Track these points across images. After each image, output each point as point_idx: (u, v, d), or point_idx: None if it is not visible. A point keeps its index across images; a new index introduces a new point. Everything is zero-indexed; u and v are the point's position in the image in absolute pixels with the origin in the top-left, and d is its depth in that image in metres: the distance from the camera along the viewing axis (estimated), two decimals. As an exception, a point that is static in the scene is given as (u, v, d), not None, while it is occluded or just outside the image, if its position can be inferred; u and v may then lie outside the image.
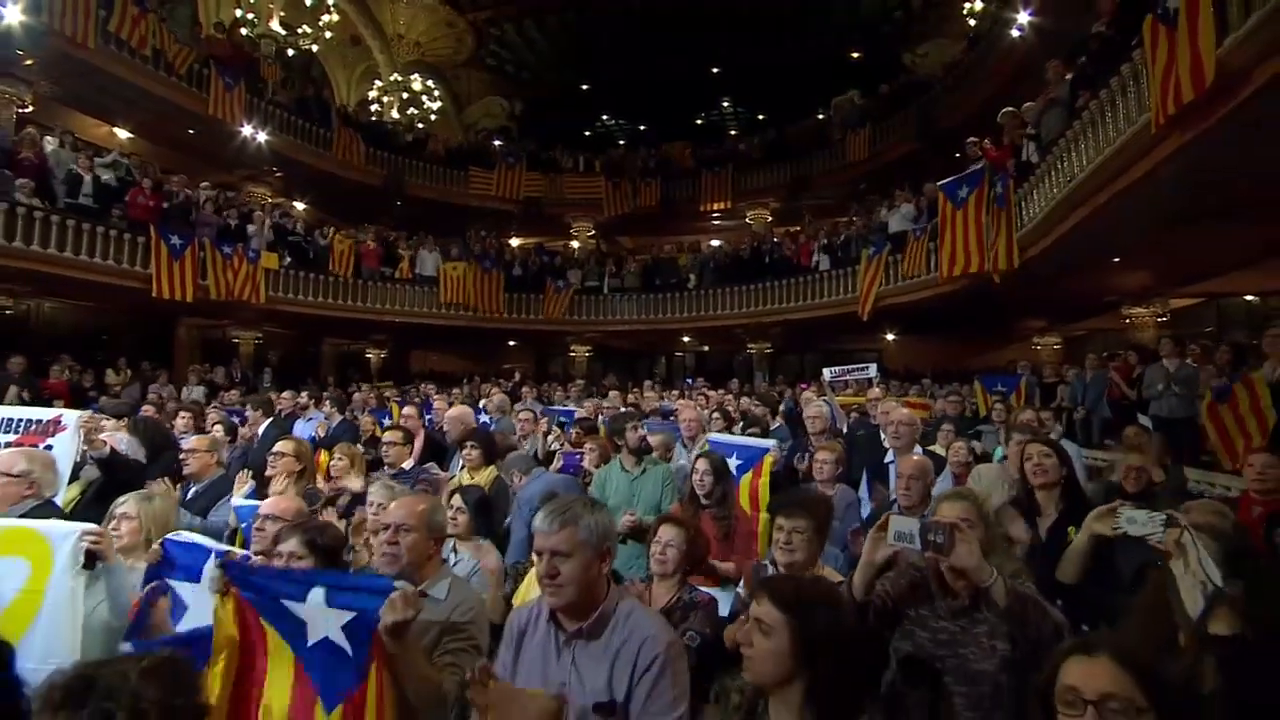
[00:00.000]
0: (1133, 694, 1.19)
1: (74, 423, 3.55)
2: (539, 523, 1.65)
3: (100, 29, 10.88)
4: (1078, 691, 1.22)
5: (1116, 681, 1.20)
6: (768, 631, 1.44)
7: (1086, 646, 1.30)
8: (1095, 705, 1.19)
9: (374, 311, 15.41)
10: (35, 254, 9.88)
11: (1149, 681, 1.20)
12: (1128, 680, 1.20)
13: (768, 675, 1.45)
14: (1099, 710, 1.19)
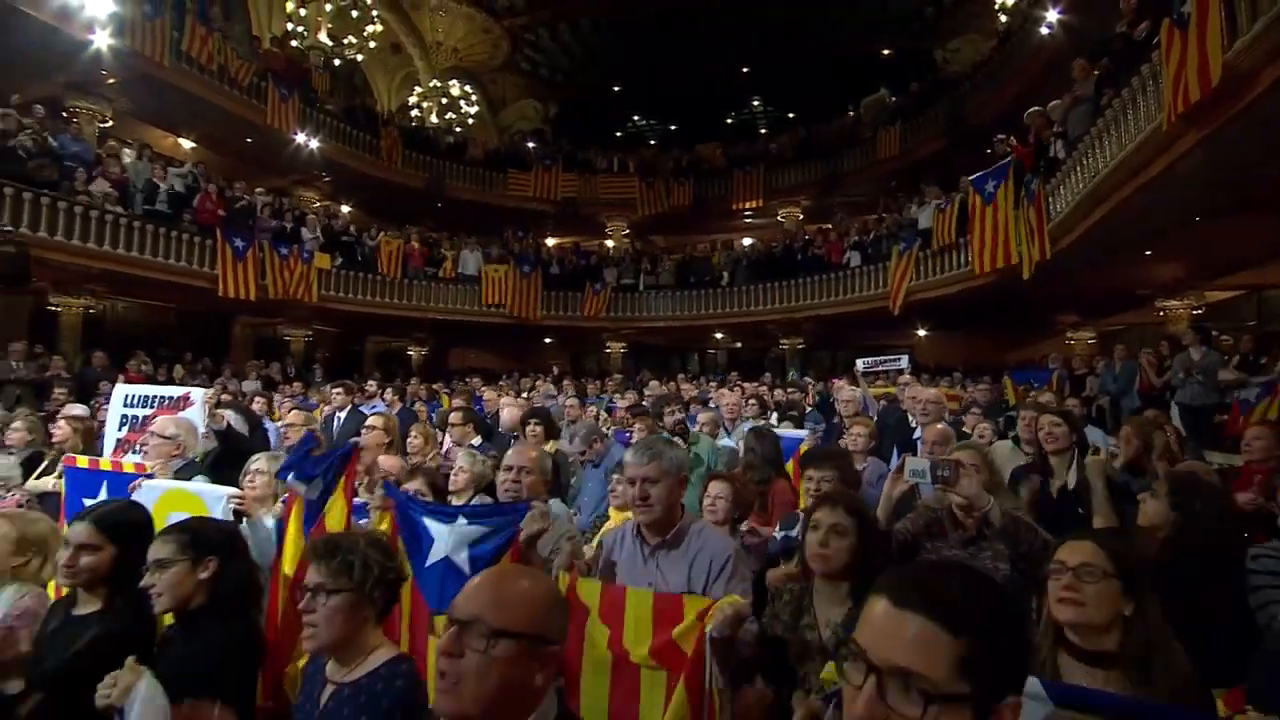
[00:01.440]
0: (1104, 564, 1.59)
1: (200, 399, 4.14)
2: (631, 457, 2.12)
3: (173, 48, 11.70)
4: (1063, 563, 1.62)
5: (1093, 554, 1.60)
6: (843, 532, 1.90)
7: (1077, 535, 1.72)
8: (1074, 571, 1.60)
9: (419, 309, 16.13)
10: (118, 256, 10.71)
11: (1116, 556, 1.61)
12: (1101, 554, 1.60)
13: (839, 567, 1.89)
14: (1076, 574, 1.59)
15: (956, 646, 0.77)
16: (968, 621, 0.79)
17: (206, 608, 1.94)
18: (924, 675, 0.76)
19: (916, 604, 0.80)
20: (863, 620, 0.84)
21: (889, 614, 0.81)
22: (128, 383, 10.12)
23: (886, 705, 0.77)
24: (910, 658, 0.77)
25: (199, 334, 15.76)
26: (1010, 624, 0.85)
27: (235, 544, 2.07)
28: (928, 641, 0.77)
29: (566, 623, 1.25)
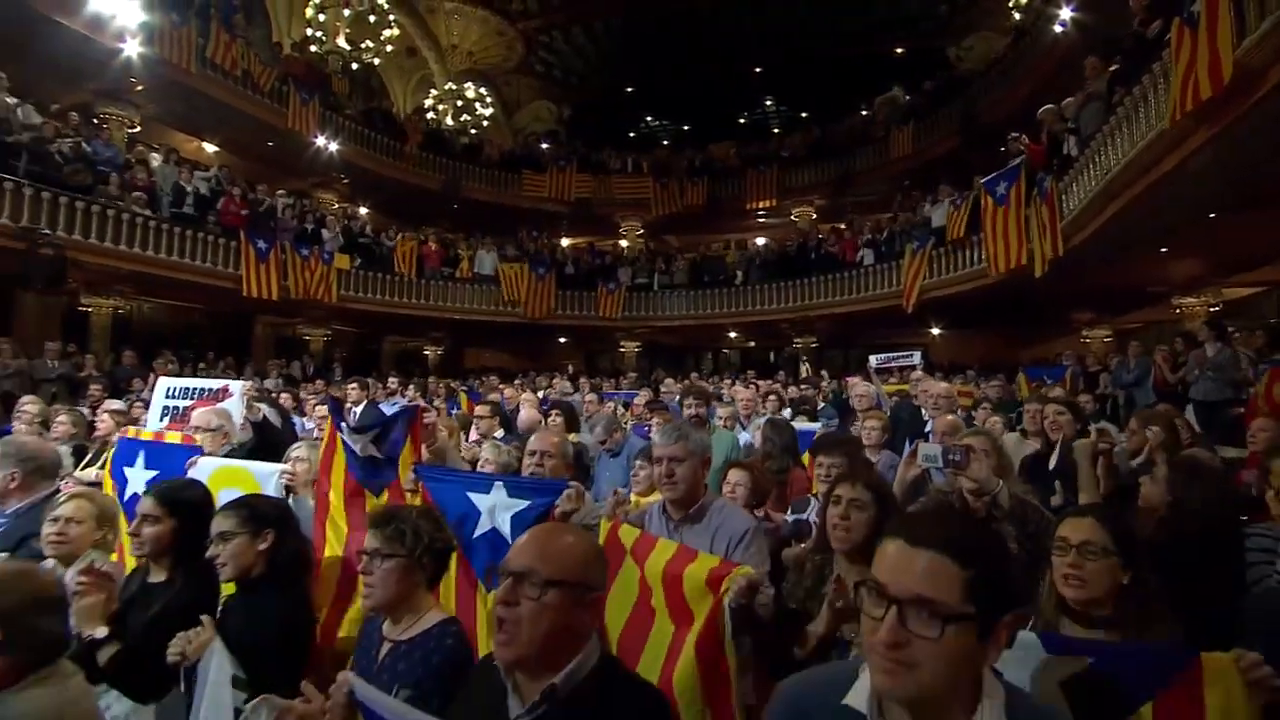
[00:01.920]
0: (1104, 540, 1.70)
1: (239, 391, 4.33)
2: (659, 438, 2.27)
3: (199, 55, 12.00)
4: (1066, 539, 1.74)
5: (1093, 531, 1.72)
6: (863, 506, 2.02)
7: (1078, 511, 1.83)
8: (1076, 548, 1.72)
9: (436, 309, 16.38)
10: (146, 258, 11.02)
11: (1115, 531, 1.73)
12: (1101, 531, 1.72)
13: (859, 539, 2.01)
14: (1079, 551, 1.71)
15: (963, 574, 0.91)
16: (971, 553, 0.93)
17: (265, 577, 2.11)
18: (939, 600, 0.89)
19: (928, 541, 0.94)
20: (878, 560, 0.98)
21: (904, 551, 0.95)
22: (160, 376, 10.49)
23: (907, 630, 0.90)
24: (926, 586, 0.91)
25: (222, 334, 16.08)
26: (1002, 555, 0.98)
27: (289, 519, 2.24)
28: (939, 572, 0.91)
29: (606, 574, 1.39)
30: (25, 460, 2.60)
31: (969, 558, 0.92)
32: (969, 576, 0.91)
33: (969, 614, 0.90)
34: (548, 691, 1.19)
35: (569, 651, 1.22)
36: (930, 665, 0.89)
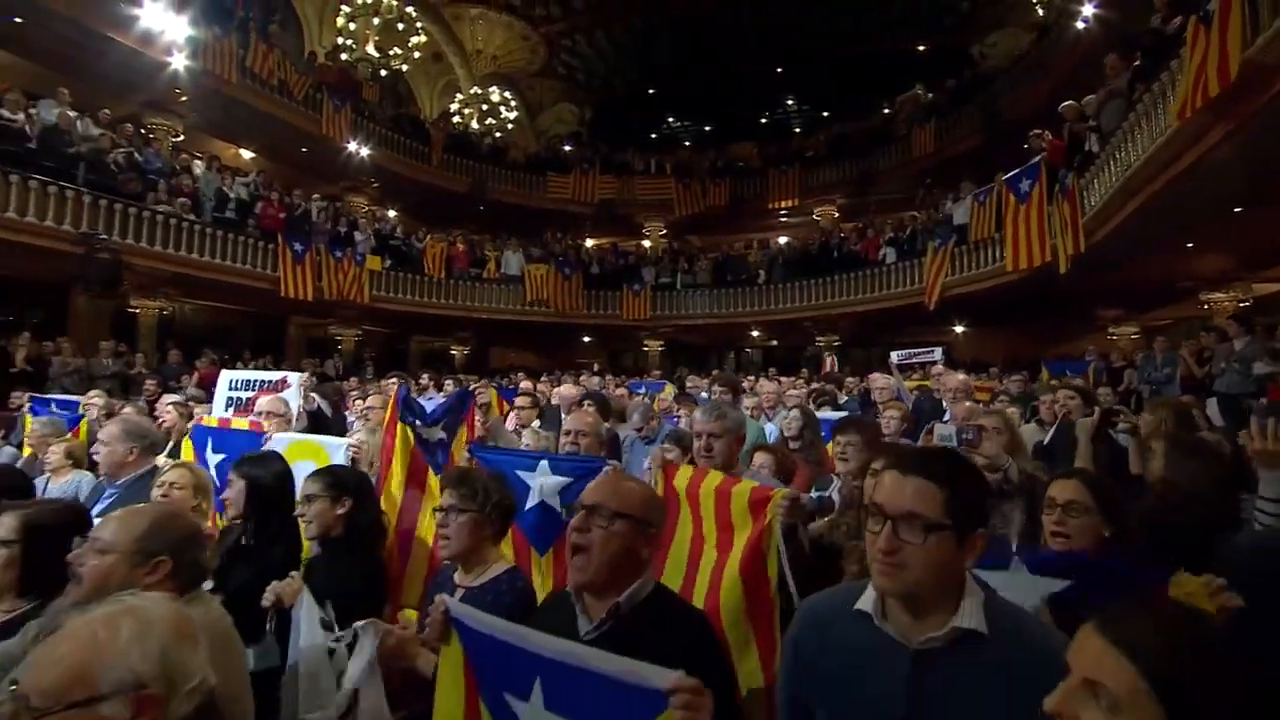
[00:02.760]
0: (1086, 499, 1.92)
1: (296, 382, 4.66)
2: (700, 415, 2.52)
3: (239, 66, 12.50)
4: (1053, 499, 1.96)
5: (1077, 491, 1.93)
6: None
7: (1065, 474, 2.04)
8: (1062, 507, 1.93)
9: (464, 309, 16.78)
10: (192, 260, 11.52)
11: (1097, 490, 1.94)
12: (1084, 490, 1.93)
13: None
14: (1065, 510, 1.92)
15: (942, 494, 1.15)
16: (948, 478, 1.16)
17: (344, 539, 2.39)
18: (923, 514, 1.13)
19: (915, 470, 1.18)
20: (877, 487, 1.22)
21: (897, 478, 1.19)
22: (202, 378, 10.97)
23: (900, 539, 1.14)
24: (913, 504, 1.15)
25: (257, 334, 16.63)
26: (975, 483, 1.22)
27: (368, 489, 2.52)
28: (924, 493, 1.15)
29: (664, 515, 1.64)
30: (141, 438, 2.92)
31: (948, 483, 1.16)
32: (947, 497, 1.15)
33: (947, 525, 1.14)
34: (612, 609, 1.44)
35: (630, 576, 1.47)
36: (918, 566, 1.14)
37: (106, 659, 0.97)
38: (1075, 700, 0.85)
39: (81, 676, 0.95)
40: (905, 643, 1.19)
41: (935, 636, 1.16)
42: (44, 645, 1.00)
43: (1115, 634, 0.85)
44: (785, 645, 1.45)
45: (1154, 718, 0.79)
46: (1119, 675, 0.82)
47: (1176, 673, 0.80)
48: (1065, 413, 3.26)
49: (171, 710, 1.02)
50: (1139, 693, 0.80)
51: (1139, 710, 0.80)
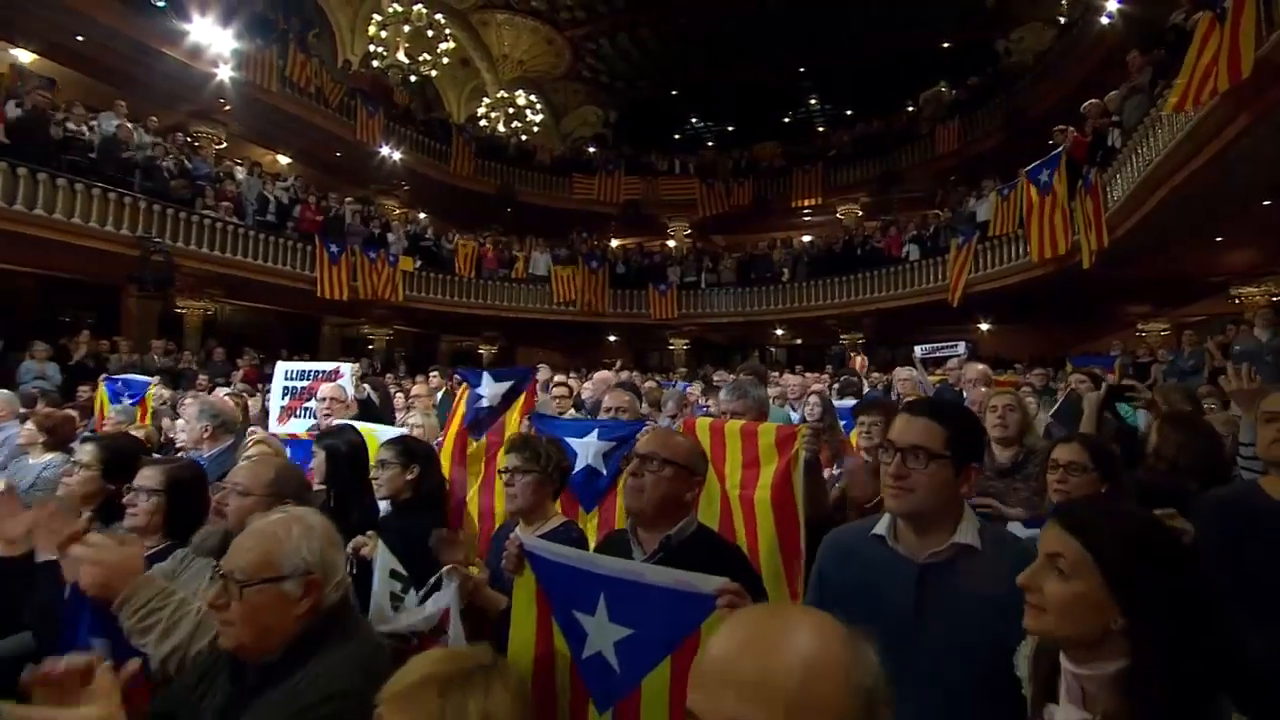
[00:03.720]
0: (1085, 460, 2.14)
1: (348, 372, 4.99)
2: (724, 395, 2.77)
3: (279, 75, 13.02)
4: (1056, 460, 2.18)
5: (1078, 453, 2.16)
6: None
7: (1066, 438, 2.27)
8: (1064, 467, 2.15)
9: (493, 308, 17.19)
10: (236, 261, 12.04)
11: (1095, 452, 2.16)
12: (1084, 453, 2.15)
13: None
14: (1066, 469, 2.14)
15: (944, 431, 1.40)
16: (949, 419, 1.42)
17: (412, 501, 2.68)
18: (926, 446, 1.38)
19: (922, 412, 1.43)
20: (892, 428, 1.47)
21: (906, 419, 1.45)
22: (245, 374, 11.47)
23: (907, 467, 1.40)
24: (919, 438, 1.40)
25: (293, 334, 17.19)
26: (972, 425, 1.47)
27: (433, 458, 2.81)
28: (928, 429, 1.41)
29: (706, 465, 1.90)
30: (215, 416, 3.26)
31: (947, 421, 1.42)
32: (947, 434, 1.41)
33: (946, 455, 1.39)
34: (664, 541, 1.71)
35: (677, 514, 1.74)
36: (922, 489, 1.39)
37: (285, 550, 1.27)
38: (1040, 574, 1.10)
39: (269, 561, 1.25)
40: (913, 557, 1.44)
41: (938, 551, 1.41)
42: (238, 539, 1.30)
43: (1068, 521, 1.11)
44: (812, 575, 1.70)
45: (1095, 580, 1.04)
46: (1069, 549, 1.07)
47: (1109, 545, 1.05)
48: (1073, 389, 3.44)
49: (326, 595, 1.31)
50: (1083, 561, 1.05)
51: (1084, 576, 1.05)
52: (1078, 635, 1.06)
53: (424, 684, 0.94)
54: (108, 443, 2.45)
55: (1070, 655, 1.09)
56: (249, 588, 1.22)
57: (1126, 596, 1.03)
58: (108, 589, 1.53)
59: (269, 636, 1.24)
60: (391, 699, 0.92)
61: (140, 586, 1.55)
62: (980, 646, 1.34)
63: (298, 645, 1.25)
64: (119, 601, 1.53)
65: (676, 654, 1.50)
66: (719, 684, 0.68)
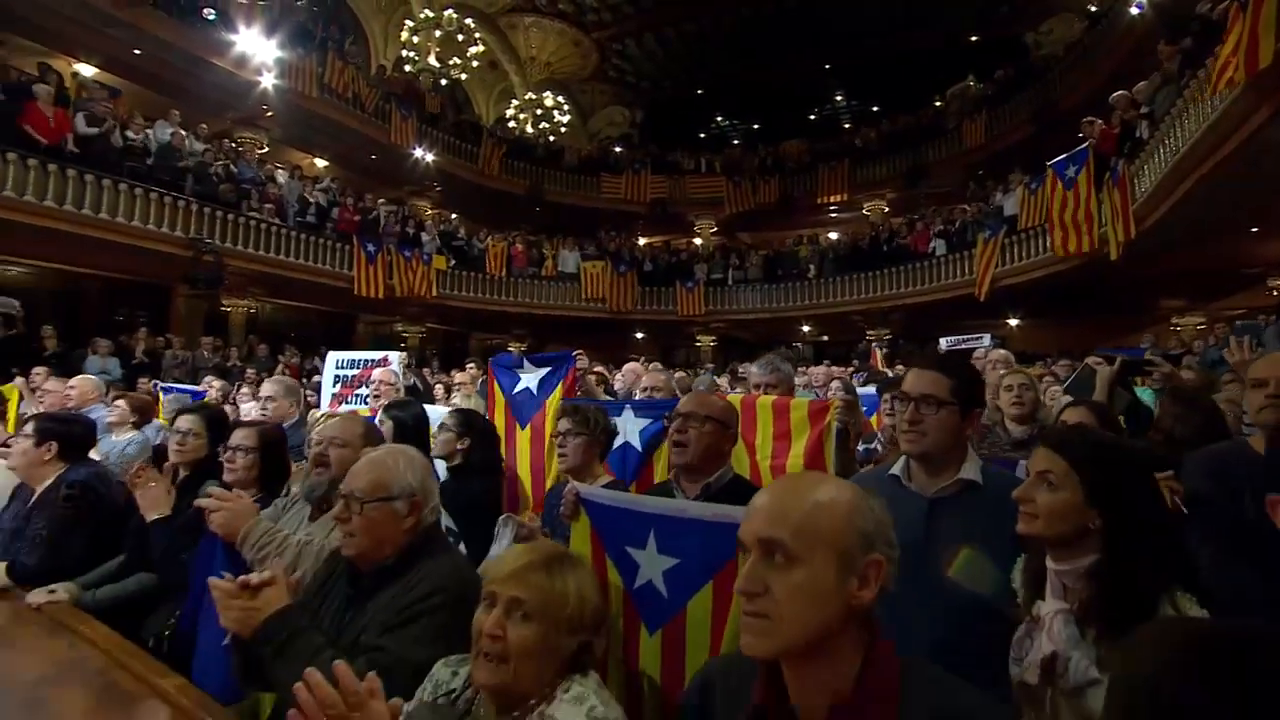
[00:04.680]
0: (1092, 422, 2.33)
1: (396, 360, 5.32)
2: (755, 368, 2.99)
3: (318, 82, 13.52)
4: (1064, 422, 2.38)
5: (1085, 415, 2.36)
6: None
7: (1074, 403, 2.46)
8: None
9: (523, 305, 17.57)
10: (278, 260, 12.56)
11: (1101, 416, 2.35)
12: (1091, 415, 2.35)
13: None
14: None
15: (950, 382, 1.61)
16: (955, 371, 1.63)
17: (463, 466, 2.96)
18: (936, 395, 1.60)
19: (930, 366, 1.65)
20: (904, 381, 1.68)
21: (918, 373, 1.66)
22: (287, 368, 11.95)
23: (919, 413, 1.61)
24: (929, 388, 1.62)
25: (330, 331, 17.74)
26: (974, 376, 1.68)
27: (488, 432, 3.09)
28: (936, 380, 1.62)
29: (738, 420, 2.13)
30: (293, 393, 3.59)
31: (953, 373, 1.65)
32: (953, 384, 1.62)
33: (953, 402, 1.61)
34: (704, 487, 1.95)
35: (716, 464, 1.98)
36: (933, 432, 1.61)
37: (394, 475, 1.53)
38: (1032, 487, 1.33)
39: (382, 483, 1.52)
40: (923, 493, 1.66)
41: (945, 486, 1.63)
42: (355, 467, 1.57)
43: (1054, 443, 1.34)
44: None
45: (1077, 489, 1.27)
46: (1056, 465, 1.30)
47: (1089, 461, 1.27)
48: (1086, 364, 3.57)
49: (424, 516, 1.58)
50: (1068, 474, 1.28)
51: (1069, 486, 1.28)
52: (1062, 535, 1.30)
53: (531, 565, 1.18)
54: (208, 412, 2.76)
55: (1054, 555, 1.32)
56: (367, 504, 1.49)
57: (1102, 500, 1.26)
58: (232, 530, 1.83)
59: (382, 546, 1.51)
60: (504, 579, 1.17)
61: (255, 526, 1.86)
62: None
63: (405, 554, 1.52)
64: (240, 538, 1.84)
65: (718, 578, 1.74)
66: (755, 513, 0.95)
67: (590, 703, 1.09)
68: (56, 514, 2.48)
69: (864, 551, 0.91)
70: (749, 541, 0.93)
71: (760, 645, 0.89)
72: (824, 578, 0.89)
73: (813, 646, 0.89)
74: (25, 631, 2.04)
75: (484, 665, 1.13)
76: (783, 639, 0.88)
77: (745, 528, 0.95)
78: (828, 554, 0.89)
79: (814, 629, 0.88)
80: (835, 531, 0.91)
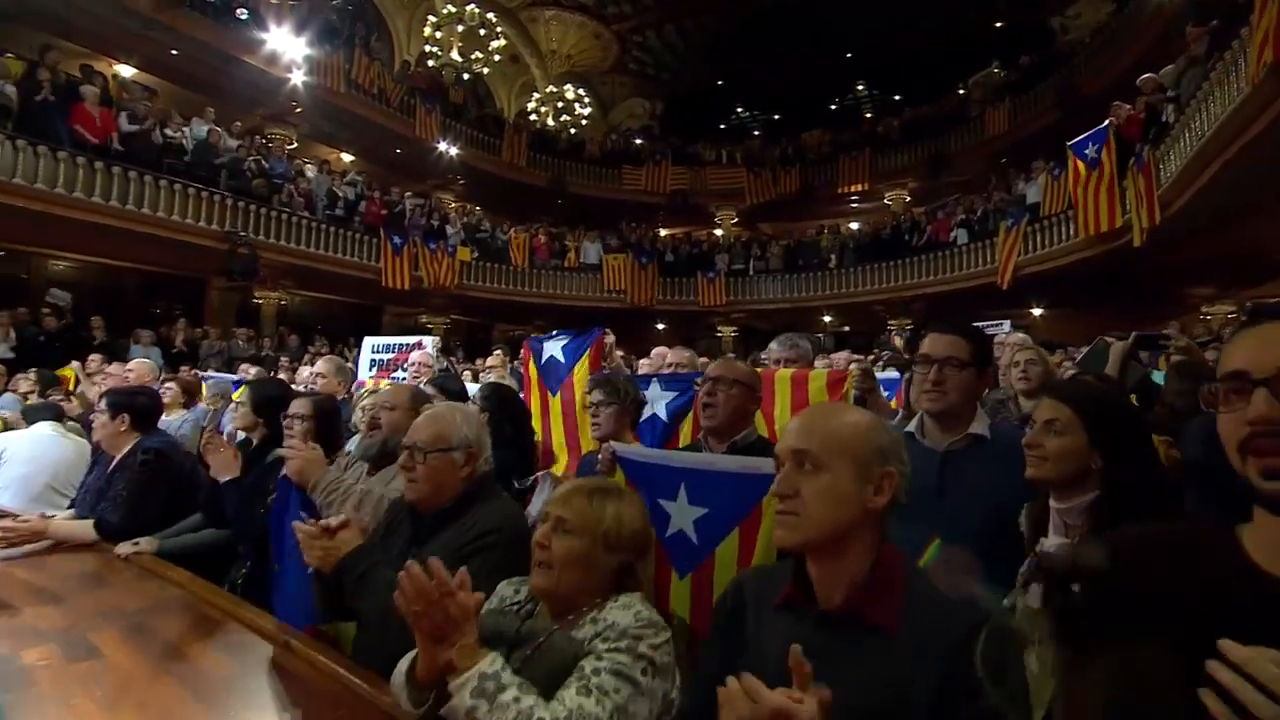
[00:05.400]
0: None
1: (430, 344, 5.54)
2: (774, 345, 3.13)
3: (345, 78, 13.82)
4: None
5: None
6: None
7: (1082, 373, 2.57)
8: None
9: (545, 296, 17.80)
10: (308, 253, 12.90)
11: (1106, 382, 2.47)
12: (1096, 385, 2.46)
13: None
14: None
15: (968, 344, 1.76)
16: (970, 335, 1.77)
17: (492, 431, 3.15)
18: (957, 356, 1.74)
19: (947, 331, 1.79)
20: (923, 344, 1.83)
21: (936, 337, 1.81)
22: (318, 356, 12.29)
23: (943, 373, 1.76)
24: (950, 350, 1.77)
25: (356, 322, 18.11)
26: (986, 338, 1.81)
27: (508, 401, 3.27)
28: (955, 343, 1.77)
29: (762, 385, 2.28)
30: (341, 371, 3.81)
31: (969, 336, 1.79)
32: (971, 345, 1.76)
33: (971, 363, 1.75)
34: (730, 445, 2.10)
35: (742, 425, 2.13)
36: (954, 391, 1.75)
37: (453, 428, 1.72)
38: (1040, 434, 1.47)
39: (442, 435, 1.70)
40: (936, 447, 1.80)
41: (956, 440, 1.77)
42: (417, 422, 1.76)
43: (1059, 394, 1.49)
44: None
45: (1081, 434, 1.43)
46: (1061, 413, 1.45)
47: (1090, 408, 1.42)
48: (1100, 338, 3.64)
49: (479, 465, 1.76)
50: (1072, 421, 1.43)
51: (1073, 431, 1.43)
52: (1066, 476, 1.45)
53: (577, 490, 1.36)
54: (257, 386, 2.97)
55: (1057, 495, 1.47)
56: (429, 454, 1.67)
57: (1102, 442, 1.41)
58: (305, 477, 2.04)
59: (442, 491, 1.69)
60: (555, 502, 1.35)
61: (324, 476, 2.06)
62: (989, 513, 1.70)
63: (462, 499, 1.70)
64: (311, 485, 2.04)
65: (743, 525, 1.90)
66: (789, 433, 1.13)
67: (637, 608, 1.26)
68: (135, 477, 2.71)
69: (879, 464, 1.07)
70: (784, 455, 1.10)
71: (790, 537, 1.07)
72: (844, 483, 1.05)
73: (833, 542, 1.06)
74: (119, 576, 2.27)
75: (537, 572, 1.31)
76: (808, 532, 1.05)
77: (781, 445, 1.12)
78: (848, 463, 1.06)
79: (835, 526, 1.05)
80: (855, 445, 1.07)
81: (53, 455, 3.60)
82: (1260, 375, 0.76)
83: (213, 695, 1.46)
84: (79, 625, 1.79)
